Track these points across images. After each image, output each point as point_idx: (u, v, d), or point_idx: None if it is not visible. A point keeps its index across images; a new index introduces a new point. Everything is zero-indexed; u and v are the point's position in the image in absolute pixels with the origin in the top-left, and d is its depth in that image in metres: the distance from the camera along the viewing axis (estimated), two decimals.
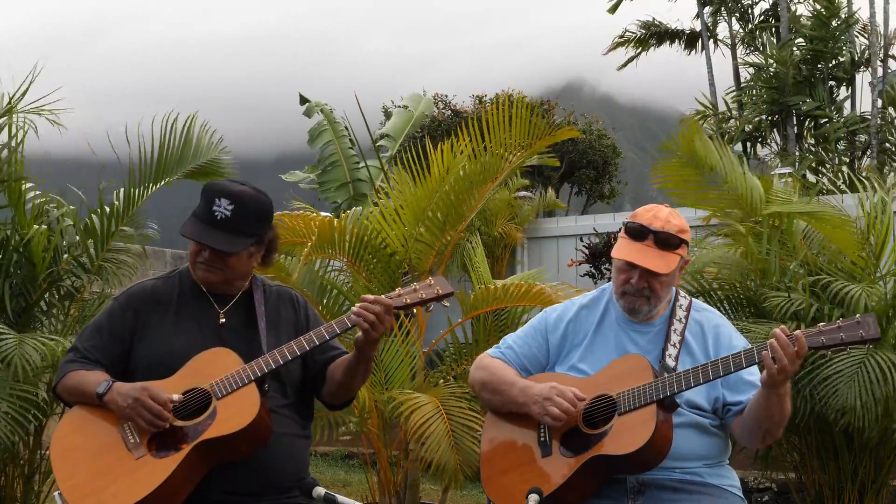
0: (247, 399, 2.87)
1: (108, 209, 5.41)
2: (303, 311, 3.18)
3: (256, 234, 3.05)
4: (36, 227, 5.12)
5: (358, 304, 2.94)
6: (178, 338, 3.01)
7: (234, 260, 3.04)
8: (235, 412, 2.85)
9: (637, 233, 3.01)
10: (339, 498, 2.73)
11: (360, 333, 2.95)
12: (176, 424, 2.86)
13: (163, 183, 5.53)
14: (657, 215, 3.03)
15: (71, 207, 5.42)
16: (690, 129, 5.29)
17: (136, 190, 5.43)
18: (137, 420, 2.86)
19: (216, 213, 2.97)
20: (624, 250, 3.02)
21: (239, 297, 3.11)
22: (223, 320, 3.06)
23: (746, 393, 2.94)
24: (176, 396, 2.88)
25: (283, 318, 3.13)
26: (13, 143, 5.21)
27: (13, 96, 5.24)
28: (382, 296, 2.97)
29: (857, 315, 2.70)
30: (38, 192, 5.41)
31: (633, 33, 15.39)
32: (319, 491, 2.79)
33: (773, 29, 14.49)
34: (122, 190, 5.48)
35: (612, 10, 15.36)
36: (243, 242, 3.02)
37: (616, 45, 15.54)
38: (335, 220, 5.55)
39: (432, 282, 3.01)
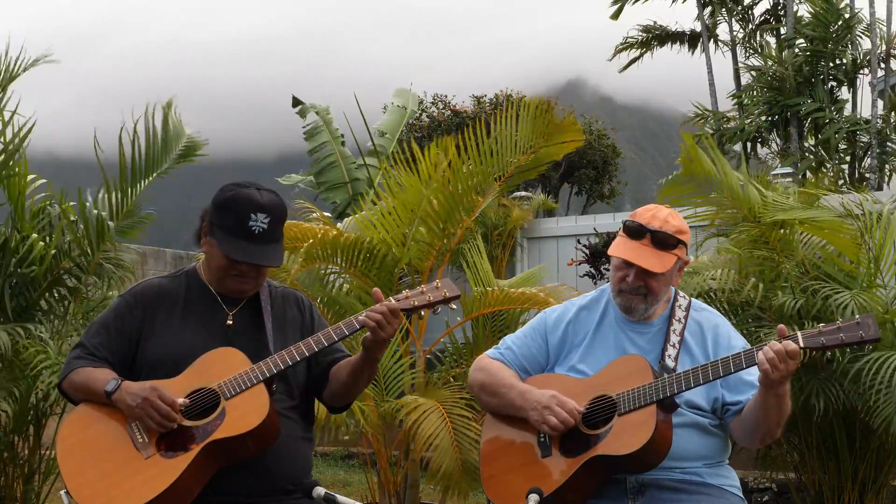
0: (257, 400, 2.86)
1: (97, 204, 5.39)
2: (308, 313, 3.18)
3: (282, 237, 3.09)
4: (35, 227, 5.11)
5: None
6: (186, 337, 3.00)
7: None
8: (245, 412, 2.84)
9: (635, 231, 3.02)
10: (339, 498, 2.73)
11: (368, 333, 2.94)
12: (185, 424, 2.85)
13: (154, 175, 5.52)
14: (656, 215, 3.04)
15: (71, 203, 5.39)
16: (689, 148, 5.24)
17: (130, 186, 5.42)
18: (146, 420, 2.85)
19: (254, 228, 2.94)
20: (620, 248, 3.02)
21: (247, 299, 3.10)
22: (230, 322, 3.05)
23: (745, 393, 2.95)
24: (181, 400, 2.86)
25: (290, 319, 3.12)
26: (15, 140, 5.20)
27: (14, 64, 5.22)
28: (390, 298, 2.97)
29: (857, 316, 2.72)
30: (37, 186, 5.40)
31: (635, 38, 15.40)
32: (319, 491, 2.79)
33: (774, 30, 14.49)
34: (111, 186, 5.46)
35: (615, 15, 15.37)
36: (281, 249, 3.07)
37: (619, 51, 15.56)
38: (327, 231, 5.54)
39: (439, 284, 3.00)
